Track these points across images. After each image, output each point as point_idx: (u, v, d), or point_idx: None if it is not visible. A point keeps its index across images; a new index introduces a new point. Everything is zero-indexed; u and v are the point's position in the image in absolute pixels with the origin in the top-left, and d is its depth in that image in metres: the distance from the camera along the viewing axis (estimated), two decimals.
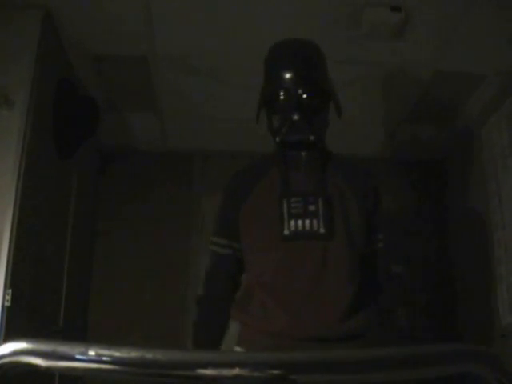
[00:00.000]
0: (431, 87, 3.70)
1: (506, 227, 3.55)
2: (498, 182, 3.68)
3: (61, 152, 3.26)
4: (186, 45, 3.29)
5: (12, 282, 2.57)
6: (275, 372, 0.80)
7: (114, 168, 4.55)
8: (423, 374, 0.86)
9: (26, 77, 2.81)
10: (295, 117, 1.96)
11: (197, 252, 4.38)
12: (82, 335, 3.96)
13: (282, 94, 2.02)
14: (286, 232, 1.92)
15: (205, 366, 0.79)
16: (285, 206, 1.93)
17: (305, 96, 1.99)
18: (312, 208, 1.92)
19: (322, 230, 1.91)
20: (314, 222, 1.91)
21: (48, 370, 0.77)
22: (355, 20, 3.00)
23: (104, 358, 0.77)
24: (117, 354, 0.76)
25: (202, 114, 4.09)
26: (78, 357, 0.77)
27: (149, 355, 0.77)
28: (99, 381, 1.02)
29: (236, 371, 0.79)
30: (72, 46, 3.26)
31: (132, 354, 0.77)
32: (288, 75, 2.01)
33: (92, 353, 0.77)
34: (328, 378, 0.83)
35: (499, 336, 3.54)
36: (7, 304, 2.52)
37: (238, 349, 1.97)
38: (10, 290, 2.55)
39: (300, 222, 1.91)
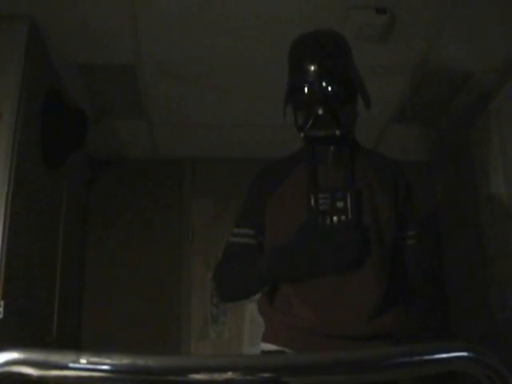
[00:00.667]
0: (418, 88, 3.72)
1: (497, 226, 3.57)
2: (488, 181, 3.70)
3: (50, 162, 3.26)
4: (173, 52, 3.29)
5: (4, 293, 2.57)
6: (267, 375, 0.81)
7: (104, 176, 4.55)
8: (414, 372, 0.86)
9: (14, 88, 2.81)
10: (320, 111, 1.87)
11: (187, 258, 4.38)
12: (76, 344, 3.95)
13: (305, 87, 1.92)
14: None
15: (197, 370, 0.79)
16: (312, 202, 1.86)
17: (330, 88, 1.91)
18: (340, 204, 1.85)
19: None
20: (342, 219, 1.84)
21: (40, 379, 0.77)
22: (341, 22, 3.01)
23: (95, 366, 0.77)
24: (108, 361, 0.77)
25: (190, 121, 4.10)
26: (69, 365, 0.77)
27: (140, 362, 0.77)
28: None
29: (228, 375, 0.79)
30: (59, 56, 3.27)
31: (123, 361, 0.77)
32: (312, 68, 1.92)
33: (83, 361, 0.77)
34: (320, 380, 0.83)
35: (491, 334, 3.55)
36: (0, 316, 2.51)
37: (264, 345, 1.90)
38: (2, 302, 2.54)
39: (328, 220, 1.83)
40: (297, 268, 1.80)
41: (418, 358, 0.84)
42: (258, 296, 2.00)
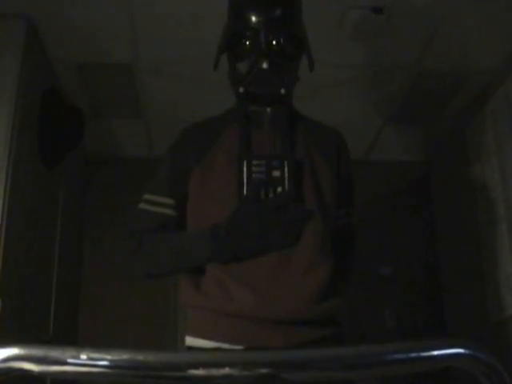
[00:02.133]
0: (415, 88, 3.73)
1: (494, 226, 3.58)
2: (485, 180, 3.71)
3: (47, 161, 3.27)
4: (170, 52, 3.30)
5: (1, 291, 2.57)
6: (265, 371, 0.81)
7: (101, 175, 4.55)
8: (411, 368, 0.87)
9: (11, 87, 2.82)
10: (264, 65, 1.62)
11: None
12: (72, 342, 3.95)
13: (248, 36, 1.68)
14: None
15: (195, 366, 0.80)
16: (244, 169, 1.59)
17: (276, 42, 1.67)
18: (276, 174, 1.59)
19: None
20: (279, 190, 1.58)
21: (41, 374, 0.78)
22: (338, 22, 3.02)
23: (95, 362, 0.78)
24: (108, 356, 0.77)
25: (187, 121, 4.05)
26: (69, 361, 0.77)
27: (139, 357, 0.77)
28: None
29: (226, 371, 0.80)
30: (56, 55, 3.27)
31: (123, 356, 0.77)
32: (257, 14, 1.66)
33: (83, 356, 0.77)
34: (318, 376, 0.83)
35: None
36: None
37: (188, 340, 1.63)
38: None
39: (262, 190, 1.57)
40: (239, 248, 1.55)
41: (415, 354, 0.85)
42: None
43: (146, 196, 1.76)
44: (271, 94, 1.68)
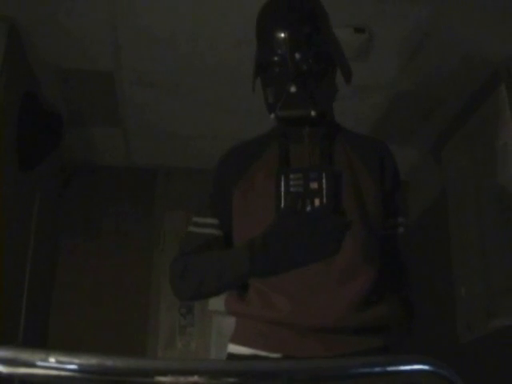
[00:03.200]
0: (392, 108, 3.77)
1: (466, 247, 3.61)
2: (458, 203, 3.75)
3: (23, 164, 3.25)
4: (151, 61, 3.31)
5: None
6: (232, 381, 0.82)
7: (77, 182, 4.54)
8: (375, 383, 0.88)
9: None
10: (292, 88, 1.63)
11: (157, 267, 4.38)
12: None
13: (275, 61, 1.67)
14: None
15: (163, 373, 0.80)
16: (282, 183, 1.55)
17: (304, 62, 1.65)
18: (314, 186, 1.54)
19: None
20: (316, 201, 1.53)
21: (9, 376, 0.78)
22: None
23: (64, 365, 0.78)
24: (77, 360, 0.78)
25: (166, 131, 4.11)
26: (38, 363, 0.78)
27: (108, 362, 0.78)
28: None
29: (194, 379, 0.81)
30: (37, 59, 3.27)
31: (92, 361, 0.78)
32: (282, 37, 1.66)
33: (52, 359, 0.78)
34: None
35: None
36: None
37: (231, 347, 1.66)
38: None
39: (299, 202, 1.53)
40: (275, 262, 1.50)
41: (379, 368, 0.86)
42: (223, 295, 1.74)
43: (194, 219, 1.79)
44: (302, 117, 1.68)
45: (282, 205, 1.54)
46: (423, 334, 4.24)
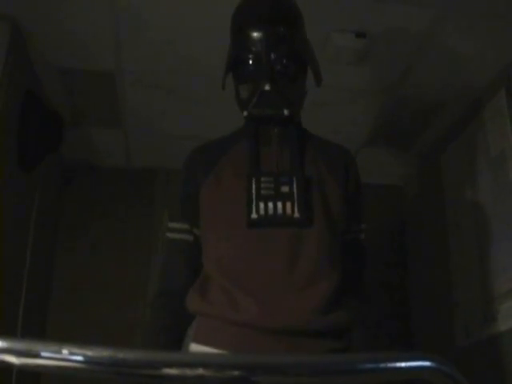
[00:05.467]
0: (393, 112, 3.78)
1: (464, 253, 3.63)
2: (456, 208, 3.76)
3: (25, 164, 3.26)
4: (152, 62, 3.32)
5: None
6: (238, 373, 0.83)
7: (77, 183, 4.54)
8: (377, 379, 0.89)
9: None
10: (266, 87, 1.65)
11: (156, 268, 4.38)
12: None
13: (250, 58, 1.69)
14: (254, 216, 1.61)
15: (170, 365, 0.82)
16: (253, 185, 1.61)
17: (278, 62, 1.68)
18: (285, 189, 1.61)
19: (296, 215, 1.60)
20: (288, 205, 1.59)
21: (22, 368, 0.80)
22: (321, 45, 3.06)
23: (76, 357, 0.80)
24: (89, 353, 0.80)
25: (166, 132, 4.12)
26: (51, 355, 0.79)
27: (120, 354, 0.80)
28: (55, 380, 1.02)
29: (200, 371, 0.82)
30: (39, 59, 3.28)
31: (104, 353, 0.80)
32: (258, 36, 1.68)
33: (65, 351, 0.79)
34: (291, 381, 0.86)
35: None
36: None
37: (193, 346, 1.64)
38: None
39: (271, 205, 1.59)
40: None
41: (383, 364, 0.87)
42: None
43: (168, 224, 1.83)
44: (275, 115, 1.71)
45: (253, 207, 1.60)
46: (421, 338, 4.26)
